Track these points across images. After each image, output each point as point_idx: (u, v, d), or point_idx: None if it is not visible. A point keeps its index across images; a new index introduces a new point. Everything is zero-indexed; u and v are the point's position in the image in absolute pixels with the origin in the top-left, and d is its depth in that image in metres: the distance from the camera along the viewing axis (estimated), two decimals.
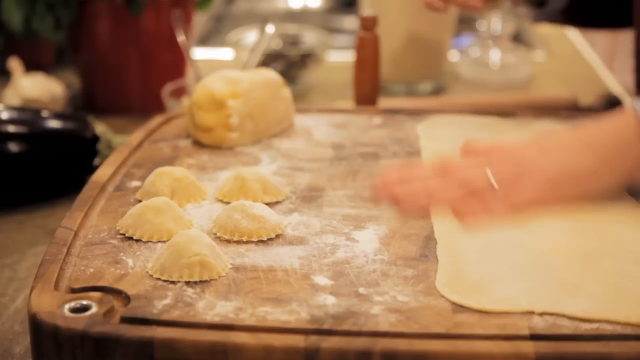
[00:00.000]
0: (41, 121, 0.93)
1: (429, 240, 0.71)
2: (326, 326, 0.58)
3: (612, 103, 0.94)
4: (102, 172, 0.83)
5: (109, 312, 0.60)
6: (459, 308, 0.61)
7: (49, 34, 1.14)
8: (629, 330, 0.58)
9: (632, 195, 0.79)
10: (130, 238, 0.70)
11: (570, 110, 0.99)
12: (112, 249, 0.69)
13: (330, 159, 0.87)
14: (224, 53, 1.49)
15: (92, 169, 0.87)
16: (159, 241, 0.70)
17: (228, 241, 0.70)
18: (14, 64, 1.16)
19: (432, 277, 0.65)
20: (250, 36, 1.38)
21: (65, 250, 0.68)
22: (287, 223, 0.73)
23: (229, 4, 2.05)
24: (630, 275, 0.65)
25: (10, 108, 0.97)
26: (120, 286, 0.63)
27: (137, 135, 0.92)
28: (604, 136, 0.74)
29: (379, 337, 0.58)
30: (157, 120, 0.96)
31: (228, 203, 0.75)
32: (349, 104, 1.10)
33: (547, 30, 1.61)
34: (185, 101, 1.06)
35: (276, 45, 1.37)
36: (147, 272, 0.65)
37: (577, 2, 0.85)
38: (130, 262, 0.67)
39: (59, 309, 0.60)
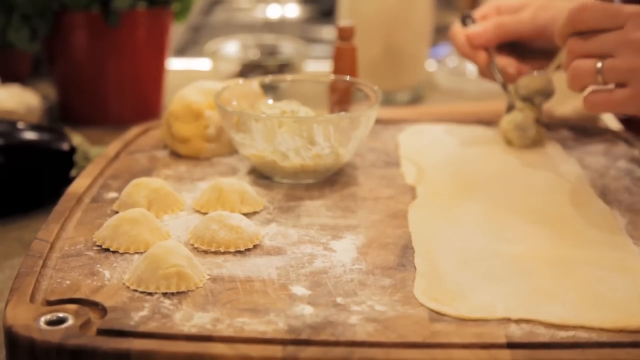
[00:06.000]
0: (17, 133, 0.93)
1: (407, 249, 0.71)
2: (304, 336, 0.58)
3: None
4: (79, 184, 0.82)
5: (86, 325, 0.60)
6: (436, 317, 0.61)
7: (25, 45, 1.14)
8: (604, 338, 0.59)
9: (607, 203, 0.80)
10: (107, 250, 0.70)
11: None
12: (89, 261, 0.68)
13: None
14: (201, 63, 1.49)
15: (69, 181, 0.86)
16: (136, 252, 0.70)
17: (205, 252, 0.70)
18: None
19: (409, 286, 0.65)
20: (228, 47, 1.38)
21: (41, 262, 0.67)
22: (264, 233, 0.73)
23: (207, 15, 2.05)
24: (605, 281, 0.66)
25: None
26: (97, 298, 0.63)
27: (114, 146, 0.92)
28: None
29: (356, 346, 0.58)
30: (134, 131, 0.96)
31: (205, 214, 0.75)
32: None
33: None
34: None
35: (254, 55, 1.37)
36: (124, 283, 0.65)
37: None
38: (106, 273, 0.66)
39: (34, 322, 0.59)
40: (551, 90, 0.92)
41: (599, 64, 0.77)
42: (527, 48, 0.98)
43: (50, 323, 0.60)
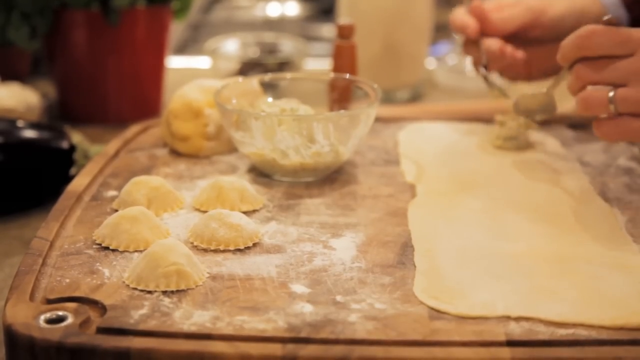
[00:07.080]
0: (17, 131, 0.93)
1: (406, 247, 0.71)
2: (303, 334, 0.58)
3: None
4: (78, 182, 0.82)
5: (85, 323, 0.60)
6: (436, 315, 0.61)
7: (25, 44, 1.13)
8: (604, 335, 0.59)
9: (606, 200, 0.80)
10: (107, 248, 0.70)
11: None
12: (88, 259, 0.68)
13: None
14: (201, 62, 1.49)
15: (68, 179, 0.86)
16: (136, 251, 0.70)
17: (205, 250, 0.70)
18: None
19: (409, 284, 0.65)
20: (227, 45, 1.38)
21: (40, 260, 0.67)
22: (264, 231, 0.73)
23: (207, 13, 2.05)
24: (604, 279, 0.66)
25: None
26: (97, 296, 0.63)
27: (114, 144, 0.92)
28: None
29: (356, 344, 0.58)
30: (133, 129, 0.96)
31: (205, 212, 0.75)
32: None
33: None
34: None
35: (254, 53, 1.37)
36: (124, 282, 0.65)
37: None
38: (106, 272, 0.66)
39: (34, 320, 0.60)
40: (553, 107, 0.87)
41: (611, 93, 0.75)
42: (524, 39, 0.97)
43: (49, 321, 0.60)
